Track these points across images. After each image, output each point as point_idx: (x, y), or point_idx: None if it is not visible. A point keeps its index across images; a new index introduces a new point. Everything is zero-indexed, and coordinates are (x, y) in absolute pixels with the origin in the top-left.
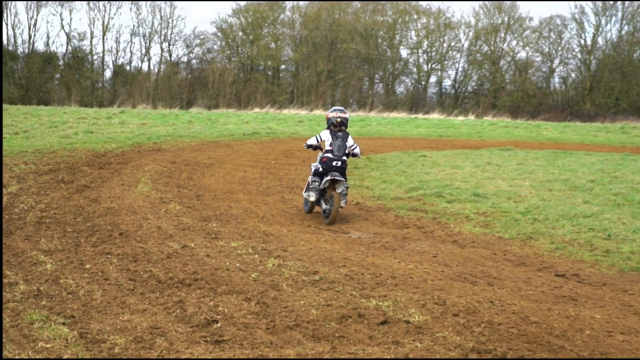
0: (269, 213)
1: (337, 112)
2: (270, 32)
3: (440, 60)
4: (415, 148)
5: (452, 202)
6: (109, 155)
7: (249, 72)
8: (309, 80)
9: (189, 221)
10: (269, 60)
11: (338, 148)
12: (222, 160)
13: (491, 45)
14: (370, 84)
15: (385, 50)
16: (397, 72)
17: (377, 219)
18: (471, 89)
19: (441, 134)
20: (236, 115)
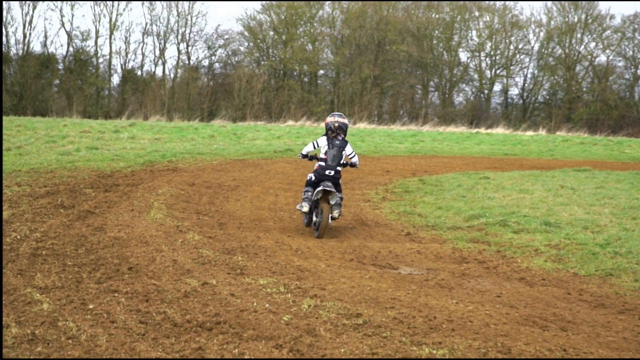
0: (304, 245)
1: (336, 117)
2: (307, 32)
3: (506, 65)
4: (477, 168)
5: (519, 233)
6: (117, 176)
7: (281, 78)
8: (352, 88)
9: (210, 254)
10: (305, 64)
11: (333, 157)
12: (250, 182)
13: (565, 47)
14: (423, 92)
15: (441, 53)
16: (455, 79)
17: (432, 252)
18: (542, 99)
19: (507, 152)
20: (266, 129)
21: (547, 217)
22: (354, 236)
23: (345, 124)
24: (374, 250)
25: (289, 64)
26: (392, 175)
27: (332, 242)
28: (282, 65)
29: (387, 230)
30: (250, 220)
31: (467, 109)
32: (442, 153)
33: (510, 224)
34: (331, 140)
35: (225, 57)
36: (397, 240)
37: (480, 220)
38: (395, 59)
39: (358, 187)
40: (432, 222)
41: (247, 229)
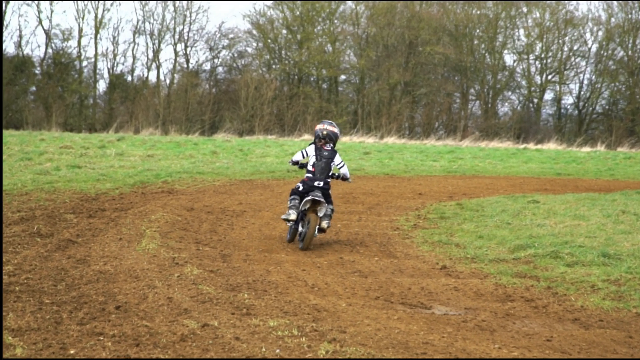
0: (322, 280)
1: (325, 124)
2: (326, 30)
3: (559, 70)
4: (524, 191)
5: (573, 266)
6: (102, 199)
7: (295, 84)
8: (379, 96)
9: (211, 291)
10: (324, 68)
11: (321, 170)
12: (258, 206)
13: (628, 49)
14: (462, 101)
15: (483, 55)
16: (499, 86)
17: (471, 288)
18: (601, 109)
19: (559, 172)
20: (277, 145)
21: (605, 247)
22: (380, 270)
23: (335, 133)
24: (404, 286)
25: (305, 68)
26: (426, 198)
27: (355, 277)
28: (296, 70)
29: (419, 263)
30: (258, 251)
31: (513, 120)
32: (484, 172)
33: (562, 255)
34: (319, 150)
35: (230, 60)
36: (430, 274)
37: (528, 252)
38: (429, 62)
39: (385, 212)
40: (471, 254)
41: (255, 262)
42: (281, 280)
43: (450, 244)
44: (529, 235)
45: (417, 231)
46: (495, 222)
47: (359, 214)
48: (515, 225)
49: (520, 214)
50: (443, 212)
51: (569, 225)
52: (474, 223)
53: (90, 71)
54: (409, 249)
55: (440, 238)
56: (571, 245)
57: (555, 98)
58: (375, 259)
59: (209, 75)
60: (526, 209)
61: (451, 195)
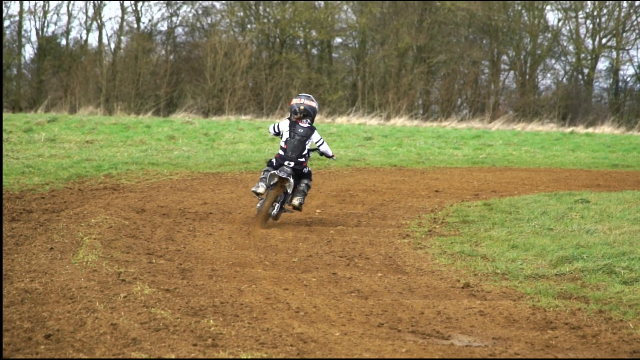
0: (309, 302)
1: (302, 98)
2: None
3: (616, 32)
4: (571, 187)
5: (633, 284)
6: (29, 198)
7: (277, 50)
8: (385, 65)
9: (167, 315)
10: (314, 29)
11: (293, 148)
12: (228, 207)
13: None
14: (492, 72)
15: (519, 12)
16: (540, 52)
17: (501, 312)
18: None
19: (616, 163)
20: (253, 127)
21: None
22: (385, 289)
23: (314, 107)
24: (415, 310)
25: (290, 29)
26: (444, 197)
27: (352, 298)
28: (278, 31)
29: (434, 281)
30: (228, 265)
31: (557, 97)
32: (520, 164)
33: (618, 270)
34: (294, 126)
35: (192, 19)
36: (449, 295)
37: (575, 266)
38: (449, 21)
39: (392, 215)
40: (502, 269)
41: (224, 279)
42: (257, 302)
43: (476, 255)
44: (576, 245)
45: (432, 239)
46: (533, 227)
47: (357, 217)
48: (559, 232)
49: (565, 217)
50: (466, 215)
51: (627, 231)
52: (506, 229)
53: (14, 33)
54: (422, 263)
55: (462, 248)
56: (630, 257)
57: (612, 68)
58: (378, 275)
59: (165, 38)
60: (573, 210)
61: (477, 193)
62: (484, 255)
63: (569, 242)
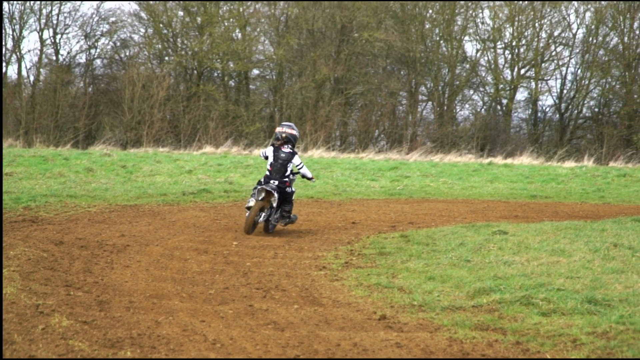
0: (226, 334)
1: (284, 127)
2: (234, 11)
3: (535, 62)
4: (488, 219)
5: (550, 315)
6: None
7: (195, 81)
8: (302, 97)
9: (84, 347)
10: (231, 60)
11: (276, 170)
12: (145, 239)
13: (624, 35)
14: (410, 103)
15: (437, 43)
16: (458, 83)
17: (418, 345)
18: (589, 113)
19: (534, 194)
20: (171, 160)
21: (592, 291)
22: (301, 321)
23: (294, 135)
24: (331, 342)
25: (207, 61)
26: (361, 228)
27: (268, 330)
28: (196, 63)
29: (351, 313)
30: (145, 297)
31: (475, 128)
32: (437, 195)
33: (536, 301)
34: (277, 151)
35: (111, 51)
36: (366, 327)
37: (492, 297)
38: (367, 52)
39: (308, 246)
40: (419, 300)
41: (141, 311)
42: (174, 334)
43: (392, 287)
44: (494, 276)
45: (349, 271)
46: (451, 259)
47: (274, 248)
48: (476, 263)
49: (482, 249)
50: (383, 247)
51: (545, 262)
52: (423, 260)
53: None
54: (338, 294)
55: (379, 280)
56: (548, 288)
57: (531, 98)
58: (294, 307)
59: (84, 71)
60: (490, 241)
61: (394, 225)
62: (400, 287)
63: (486, 273)
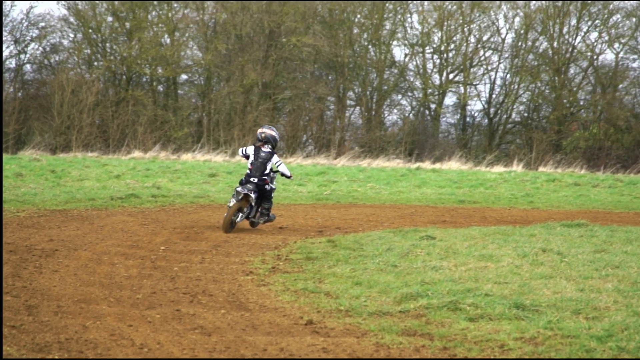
0: (153, 339)
1: (264, 128)
2: (162, 17)
3: (464, 67)
4: (416, 224)
5: (478, 320)
6: None
7: (123, 87)
8: (230, 102)
9: (12, 352)
10: (160, 65)
11: (256, 168)
12: (74, 244)
13: (553, 40)
14: (338, 108)
15: (365, 48)
16: (386, 88)
17: (344, 350)
18: (518, 118)
19: (462, 199)
20: (99, 164)
21: (519, 296)
22: (228, 326)
23: (274, 136)
24: (258, 347)
25: (136, 66)
26: (288, 233)
27: (195, 335)
28: (124, 68)
29: (277, 318)
30: (73, 301)
31: (404, 132)
32: (365, 200)
33: (464, 307)
34: (257, 150)
35: (40, 56)
36: (292, 332)
37: (419, 302)
38: (295, 57)
39: (235, 251)
40: (346, 305)
41: (69, 315)
42: (101, 339)
43: (319, 292)
44: (421, 282)
45: (275, 276)
46: (378, 264)
47: (201, 253)
48: (404, 269)
49: (410, 254)
50: (310, 252)
51: (473, 268)
52: (350, 266)
53: None
54: (265, 299)
55: (305, 285)
56: (475, 293)
57: (459, 103)
58: (221, 312)
59: (14, 76)
60: (418, 247)
61: (321, 230)
62: (327, 292)
63: (413, 278)
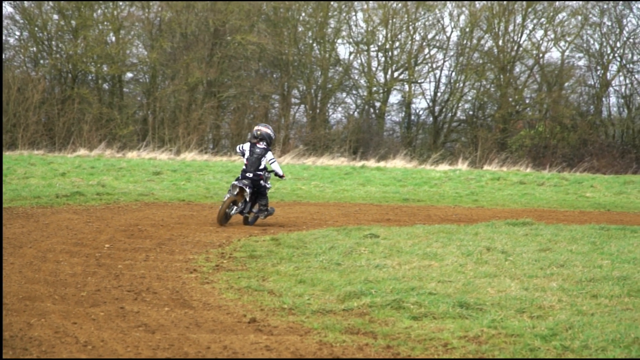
0: (97, 336)
1: (260, 126)
2: (108, 15)
3: (409, 65)
4: (360, 222)
5: (422, 319)
6: None
7: (69, 85)
8: (175, 100)
9: None
10: (105, 63)
11: (251, 164)
12: (19, 241)
13: (499, 37)
14: (283, 106)
15: (310, 46)
16: (331, 86)
17: (287, 348)
18: (463, 116)
19: (407, 197)
20: (45, 162)
21: (463, 295)
22: (172, 324)
23: (269, 133)
24: (201, 345)
25: (81, 64)
26: (232, 231)
27: (139, 332)
28: (70, 66)
29: (221, 315)
30: (18, 299)
31: (348, 131)
32: (309, 198)
33: (407, 305)
34: (253, 147)
35: None
36: (236, 330)
37: (363, 301)
38: (240, 55)
39: (180, 249)
40: (289, 303)
41: (13, 313)
42: (46, 336)
43: (263, 290)
44: (365, 280)
45: (219, 274)
46: (321, 262)
47: (146, 251)
48: (347, 267)
49: (353, 252)
50: (254, 250)
51: (416, 266)
52: (294, 264)
53: None
54: (209, 297)
55: (249, 283)
56: (419, 292)
57: (404, 101)
58: (165, 310)
59: None
60: (362, 245)
61: (265, 228)
62: (271, 290)
63: (357, 277)
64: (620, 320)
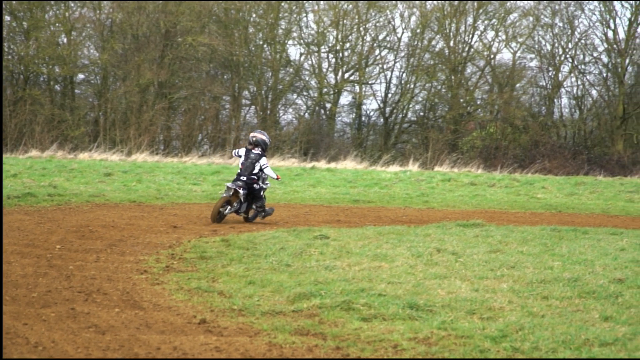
0: (48, 337)
1: (256, 132)
2: (60, 16)
3: (359, 66)
4: (310, 223)
5: (371, 320)
6: None
7: (21, 86)
8: (126, 101)
9: None
10: (57, 65)
11: (245, 168)
12: None
13: (450, 38)
14: (234, 107)
15: (261, 47)
16: (281, 87)
17: (237, 349)
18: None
19: (357, 198)
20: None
21: (413, 296)
22: (122, 325)
23: (264, 140)
24: (151, 345)
25: (33, 65)
26: (183, 233)
27: (89, 333)
28: (22, 67)
29: (171, 316)
30: None
31: (299, 132)
32: None
33: (357, 306)
34: (248, 152)
35: None
36: (185, 331)
37: (313, 302)
38: (190, 56)
39: (130, 250)
40: (239, 305)
41: None
42: None
43: (213, 291)
44: (314, 281)
45: (170, 275)
46: (271, 263)
47: (96, 252)
48: (297, 268)
49: (303, 253)
50: (204, 251)
51: (366, 267)
52: (244, 265)
53: None
54: (159, 298)
55: (199, 284)
56: (369, 293)
57: (355, 102)
58: (115, 311)
59: None
60: (311, 246)
61: (215, 229)
62: (221, 291)
63: (307, 278)
64: (570, 321)
